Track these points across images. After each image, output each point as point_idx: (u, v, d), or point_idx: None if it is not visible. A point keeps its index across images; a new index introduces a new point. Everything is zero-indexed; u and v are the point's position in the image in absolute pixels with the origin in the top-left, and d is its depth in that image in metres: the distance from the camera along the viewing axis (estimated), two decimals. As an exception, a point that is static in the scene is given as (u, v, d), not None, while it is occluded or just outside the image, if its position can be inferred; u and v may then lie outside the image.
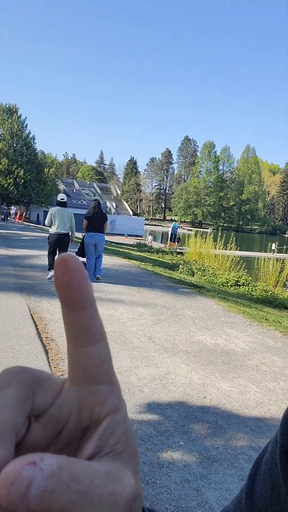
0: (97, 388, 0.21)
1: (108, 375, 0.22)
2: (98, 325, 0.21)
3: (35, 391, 0.20)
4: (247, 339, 5.00)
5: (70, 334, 0.21)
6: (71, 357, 0.22)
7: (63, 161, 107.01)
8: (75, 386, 0.21)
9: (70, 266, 0.20)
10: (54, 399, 0.21)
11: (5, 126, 39.03)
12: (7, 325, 4.42)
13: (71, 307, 0.20)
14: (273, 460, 0.50)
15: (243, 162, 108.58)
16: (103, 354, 0.21)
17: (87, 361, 0.21)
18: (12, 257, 9.49)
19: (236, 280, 11.51)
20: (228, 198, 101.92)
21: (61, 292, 0.20)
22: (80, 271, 0.20)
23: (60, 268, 0.20)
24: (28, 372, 0.21)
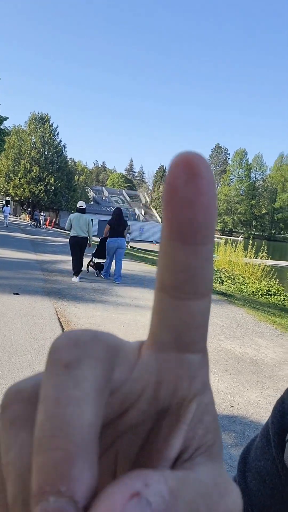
0: (188, 358, 0.15)
1: (204, 341, 0.15)
2: (211, 271, 0.14)
3: (112, 367, 0.14)
4: (278, 349, 4.84)
5: (171, 279, 0.14)
6: (161, 313, 0.15)
7: (93, 169, 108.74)
8: (158, 353, 0.15)
9: (201, 173, 0.13)
10: (131, 371, 0.15)
11: (37, 134, 40.10)
12: (35, 327, 4.47)
13: (189, 239, 0.13)
14: (267, 457, 0.48)
15: (276, 170, 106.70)
16: (205, 313, 0.15)
17: (186, 320, 0.14)
18: (41, 262, 9.66)
19: (267, 289, 11.26)
20: (260, 206, 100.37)
21: (177, 213, 0.13)
22: (212, 183, 0.13)
23: (181, 173, 0.13)
24: (102, 340, 0.14)
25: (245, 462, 0.53)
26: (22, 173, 38.70)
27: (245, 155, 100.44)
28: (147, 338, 0.16)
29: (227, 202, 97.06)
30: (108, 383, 0.14)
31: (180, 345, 0.15)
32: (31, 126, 40.54)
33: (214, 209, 0.13)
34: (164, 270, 0.14)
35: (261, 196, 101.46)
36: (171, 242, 0.13)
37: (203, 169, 0.13)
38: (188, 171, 0.13)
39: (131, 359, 0.15)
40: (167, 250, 0.14)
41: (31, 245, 13.84)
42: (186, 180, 0.13)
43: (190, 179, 0.13)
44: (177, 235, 0.13)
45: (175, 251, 0.13)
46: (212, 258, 0.14)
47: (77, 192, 42.70)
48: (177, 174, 0.13)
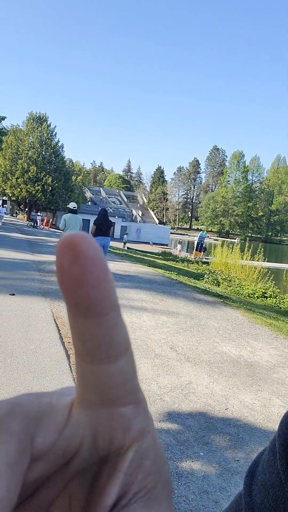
0: (118, 412, 0.16)
1: (132, 393, 0.16)
2: (122, 335, 0.15)
3: (33, 436, 0.15)
4: (273, 352, 4.86)
5: (82, 347, 0.15)
6: (82, 377, 0.16)
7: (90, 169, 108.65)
8: (88, 410, 0.16)
9: (82, 252, 0.14)
10: (60, 432, 0.16)
11: (35, 134, 39.99)
12: (31, 328, 4.47)
13: (85, 314, 0.14)
14: (272, 470, 0.49)
15: (273, 172, 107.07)
16: (126, 370, 0.16)
17: (106, 382, 0.15)
18: (37, 263, 9.65)
19: (263, 292, 11.30)
20: (257, 208, 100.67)
21: (69, 292, 0.14)
22: (98, 260, 0.14)
23: (65, 255, 0.14)
24: (18, 413, 0.14)
25: (252, 475, 0.53)
26: (19, 173, 38.60)
27: (242, 157, 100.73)
28: (76, 397, 0.17)
29: (224, 204, 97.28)
30: (25, 453, 0.14)
31: (106, 402, 0.16)
32: (29, 126, 40.43)
33: (105, 282, 0.14)
34: (74, 339, 0.15)
35: (258, 198, 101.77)
36: (74, 316, 0.14)
37: (85, 248, 0.13)
38: (71, 252, 0.13)
39: (60, 419, 0.16)
40: (72, 323, 0.15)
41: (28, 246, 13.81)
42: (70, 261, 0.13)
43: (74, 260, 0.13)
44: (76, 311, 0.14)
45: (79, 324, 0.14)
46: (119, 323, 0.15)
47: (74, 192, 42.61)
48: (62, 256, 0.14)
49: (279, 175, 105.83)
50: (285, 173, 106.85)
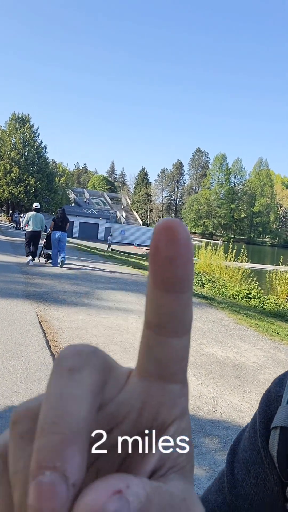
0: (169, 387, 0.17)
1: (183, 372, 0.18)
2: (190, 314, 0.17)
3: (106, 380, 0.16)
4: (259, 353, 4.89)
5: (156, 319, 0.16)
6: (147, 347, 0.17)
7: (74, 171, 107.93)
8: (143, 381, 0.17)
9: (178, 236, 0.15)
10: (119, 392, 0.17)
11: (17, 135, 39.54)
12: (16, 332, 4.39)
13: (170, 289, 0.16)
14: (253, 447, 0.50)
15: (255, 175, 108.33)
16: (186, 348, 0.17)
17: (168, 354, 0.17)
18: (21, 265, 9.52)
19: (247, 293, 11.39)
20: (240, 210, 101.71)
21: (161, 268, 0.16)
22: (189, 244, 0.16)
23: (163, 236, 0.15)
24: (100, 355, 0.17)
25: (234, 453, 0.54)
26: (1, 174, 38.08)
27: (225, 159, 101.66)
28: (135, 367, 0.18)
29: (207, 206, 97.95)
30: (101, 390, 0.16)
31: (162, 375, 0.17)
32: (11, 126, 39.96)
33: (190, 265, 0.16)
34: (150, 312, 0.17)
35: (241, 200, 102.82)
36: (156, 290, 0.16)
37: (181, 234, 0.15)
38: (168, 236, 0.15)
39: (120, 381, 0.17)
40: (153, 296, 0.16)
41: (11, 247, 13.63)
42: (166, 243, 0.15)
43: (170, 242, 0.15)
44: (161, 285, 0.16)
45: (159, 298, 0.16)
46: (191, 303, 0.17)
47: (57, 194, 42.30)
48: (160, 237, 0.15)
49: (261, 178, 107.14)
50: (266, 176, 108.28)
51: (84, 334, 4.61)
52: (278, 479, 0.47)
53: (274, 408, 0.50)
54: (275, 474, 0.47)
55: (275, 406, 0.50)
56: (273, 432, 0.47)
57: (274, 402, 0.50)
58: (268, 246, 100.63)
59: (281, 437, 0.46)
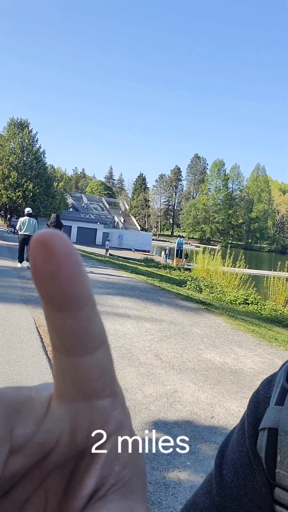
0: (96, 405, 0.16)
1: (110, 386, 0.17)
2: (97, 328, 0.16)
3: (12, 427, 0.15)
4: (256, 358, 4.88)
5: (58, 341, 0.15)
6: (59, 369, 0.16)
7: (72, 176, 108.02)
8: (66, 404, 0.16)
9: (54, 248, 0.14)
10: (39, 425, 0.16)
11: (16, 140, 39.58)
12: (13, 337, 4.37)
13: (60, 307, 0.14)
14: (241, 449, 0.50)
15: (253, 181, 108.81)
16: (103, 363, 0.16)
17: (83, 374, 0.16)
18: (19, 269, 9.51)
19: (244, 298, 11.39)
20: (237, 215, 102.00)
21: (43, 286, 0.14)
22: (70, 256, 0.14)
23: (38, 251, 0.14)
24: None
25: (222, 455, 0.54)
26: (0, 178, 38.10)
27: (223, 165, 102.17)
28: (54, 390, 0.17)
29: (205, 211, 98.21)
30: (4, 443, 0.14)
31: (84, 395, 0.16)
32: (10, 131, 40.01)
33: (80, 278, 0.14)
34: (51, 334, 0.15)
35: (238, 206, 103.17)
36: (49, 311, 0.15)
37: (57, 244, 0.14)
38: (44, 249, 0.14)
39: (39, 411, 0.16)
40: (48, 317, 0.15)
41: (9, 252, 13.60)
42: (43, 257, 0.14)
43: (47, 256, 0.14)
44: (51, 305, 0.14)
45: (55, 318, 0.15)
46: (94, 316, 0.15)
47: (56, 198, 42.28)
48: (36, 253, 0.14)
49: (258, 184, 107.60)
50: (264, 182, 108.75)
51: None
52: (266, 481, 0.47)
53: (263, 409, 0.49)
54: (263, 475, 0.47)
55: (263, 408, 0.49)
56: (261, 433, 0.47)
57: (263, 404, 0.50)
58: (266, 251, 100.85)
59: (269, 438, 0.46)
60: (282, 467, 0.44)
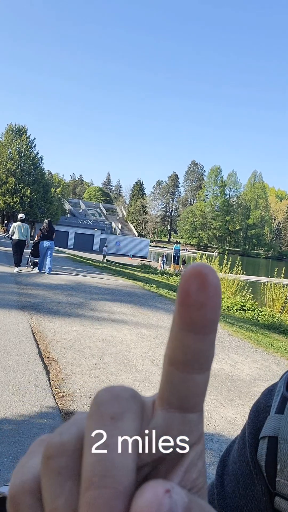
0: (189, 417, 0.18)
1: (202, 403, 0.18)
2: (213, 351, 0.18)
3: (142, 423, 0.17)
4: (253, 365, 4.88)
5: (181, 358, 0.17)
6: (169, 381, 0.17)
7: (70, 182, 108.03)
8: (165, 412, 0.18)
9: (208, 282, 0.16)
10: (148, 425, 0.18)
11: (13, 146, 39.65)
12: (9, 343, 4.35)
13: (198, 331, 0.16)
14: (242, 459, 0.50)
15: (250, 188, 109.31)
16: (207, 382, 0.18)
17: (191, 389, 0.17)
18: (15, 275, 9.48)
19: (241, 305, 11.40)
20: (234, 222, 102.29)
21: (191, 312, 0.16)
22: (218, 290, 0.16)
23: (194, 282, 0.16)
24: (138, 398, 0.17)
25: (223, 465, 0.54)
26: (-3, 184, 38.12)
27: (220, 172, 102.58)
28: (157, 398, 0.18)
29: (202, 218, 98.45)
30: (139, 434, 0.17)
31: (183, 407, 0.18)
32: (7, 137, 40.09)
33: (219, 310, 0.16)
34: (175, 350, 0.17)
35: (235, 213, 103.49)
36: (183, 331, 0.16)
37: (211, 280, 0.16)
38: (199, 282, 0.16)
39: (149, 415, 0.18)
40: (179, 336, 0.17)
41: (5, 258, 13.57)
42: (198, 288, 0.16)
43: (201, 288, 0.16)
44: (189, 328, 0.16)
45: (187, 338, 0.16)
46: (214, 341, 0.17)
47: (53, 204, 42.29)
48: (190, 283, 0.16)
49: (255, 190, 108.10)
50: (261, 188, 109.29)
51: (77, 346, 4.57)
52: (266, 489, 0.47)
53: (263, 418, 0.50)
54: (263, 484, 0.47)
55: (263, 416, 0.50)
56: (262, 442, 0.47)
57: (263, 412, 0.50)
58: (263, 258, 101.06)
59: (269, 446, 0.46)
60: (282, 475, 0.44)
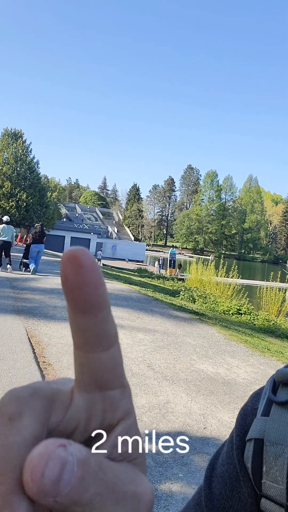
0: (108, 394, 0.19)
1: (120, 378, 0.20)
2: (112, 328, 0.19)
3: (49, 416, 0.18)
4: (249, 369, 4.88)
5: (80, 339, 0.18)
6: (79, 364, 0.19)
7: (66, 186, 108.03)
8: (84, 394, 0.19)
9: (82, 264, 0.17)
10: (65, 414, 0.18)
11: (9, 150, 39.62)
12: (4, 348, 4.33)
13: (84, 311, 0.18)
14: (230, 461, 0.51)
15: (246, 192, 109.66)
16: (115, 358, 0.19)
17: (99, 367, 0.19)
18: (11, 279, 9.45)
19: (237, 309, 11.41)
20: (230, 226, 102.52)
21: (72, 295, 0.17)
22: (94, 270, 0.17)
23: (69, 266, 0.17)
24: (40, 394, 0.18)
25: (212, 468, 0.55)
26: (-7, 188, 38.06)
27: (216, 176, 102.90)
28: (74, 383, 0.20)
29: (198, 222, 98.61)
30: (44, 428, 0.17)
31: (99, 386, 0.19)
32: (3, 142, 40.08)
33: (101, 287, 0.18)
34: (74, 333, 0.18)
35: (231, 217, 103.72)
36: (75, 314, 0.18)
37: (85, 261, 0.17)
38: (74, 264, 0.17)
39: (65, 402, 0.19)
40: (73, 320, 0.18)
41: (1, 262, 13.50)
42: (73, 271, 0.17)
43: (77, 271, 0.17)
44: (77, 310, 0.18)
45: (79, 320, 0.18)
46: (110, 318, 0.19)
47: (49, 208, 42.24)
48: (66, 267, 0.17)
49: (251, 194, 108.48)
50: (256, 193, 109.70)
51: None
52: (252, 491, 0.48)
53: (250, 421, 0.50)
54: (249, 486, 0.48)
55: (250, 420, 0.51)
56: (248, 444, 0.48)
57: (250, 415, 0.51)
58: (259, 262, 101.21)
59: (255, 449, 0.47)
60: (268, 477, 0.45)
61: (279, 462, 0.44)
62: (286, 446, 0.44)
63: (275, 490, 0.44)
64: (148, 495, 0.18)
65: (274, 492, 0.44)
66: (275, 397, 0.48)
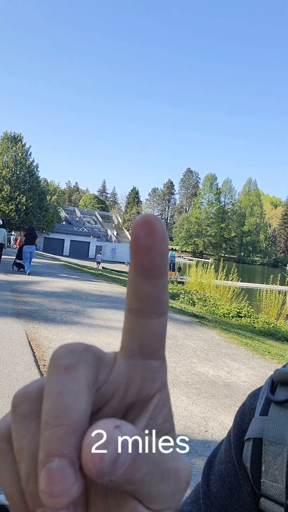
0: (150, 364, 0.19)
1: (162, 349, 0.20)
2: (167, 297, 0.19)
3: (99, 371, 0.18)
4: (250, 372, 4.87)
5: (137, 304, 0.19)
6: (129, 329, 0.19)
7: (65, 189, 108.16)
8: (128, 360, 0.19)
9: (155, 229, 0.18)
10: (109, 375, 0.19)
11: (9, 153, 39.72)
12: (4, 351, 4.32)
13: (149, 275, 0.18)
14: (228, 460, 0.51)
15: (245, 195, 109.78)
16: (164, 328, 0.19)
17: (148, 334, 0.19)
18: (11, 283, 9.44)
19: (237, 311, 11.39)
20: (230, 229, 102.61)
21: (140, 257, 0.18)
22: (165, 237, 0.18)
23: (142, 229, 0.18)
24: (92, 350, 0.19)
25: (210, 466, 0.55)
26: (-8, 192, 38.12)
27: (215, 179, 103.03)
28: (119, 348, 0.20)
29: (197, 225, 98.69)
30: (95, 382, 0.18)
31: (144, 353, 0.19)
32: (3, 145, 40.18)
33: (166, 253, 0.18)
34: (132, 297, 0.19)
35: (231, 220, 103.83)
36: (137, 278, 0.18)
37: (157, 226, 0.18)
38: (147, 228, 0.17)
39: (110, 365, 0.19)
40: (134, 283, 0.18)
41: (1, 265, 13.50)
42: (145, 234, 0.17)
43: (149, 234, 0.17)
44: (141, 273, 0.18)
45: (140, 284, 0.18)
46: (167, 287, 0.19)
47: (49, 212, 42.30)
48: (139, 230, 0.17)
49: (250, 197, 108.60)
50: (256, 196, 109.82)
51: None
52: (251, 490, 0.48)
53: (248, 420, 0.51)
54: (248, 485, 0.48)
55: (248, 419, 0.51)
56: (247, 443, 0.48)
57: (248, 415, 0.52)
58: (258, 265, 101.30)
59: (254, 448, 0.47)
60: (267, 476, 0.45)
61: (278, 461, 0.44)
62: (285, 445, 0.44)
63: (275, 489, 0.45)
64: (187, 470, 0.18)
65: (274, 491, 0.45)
66: (274, 396, 0.48)
